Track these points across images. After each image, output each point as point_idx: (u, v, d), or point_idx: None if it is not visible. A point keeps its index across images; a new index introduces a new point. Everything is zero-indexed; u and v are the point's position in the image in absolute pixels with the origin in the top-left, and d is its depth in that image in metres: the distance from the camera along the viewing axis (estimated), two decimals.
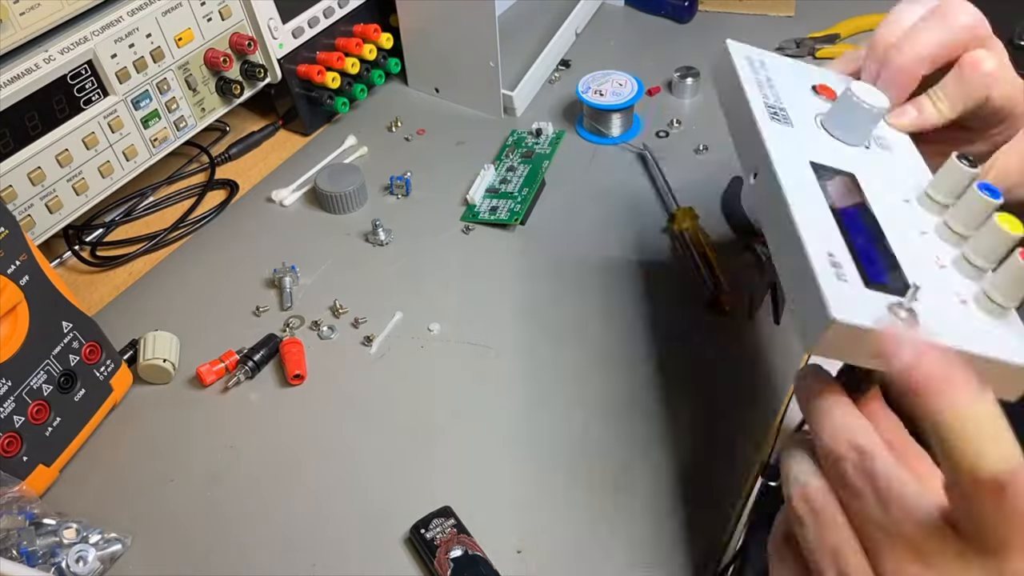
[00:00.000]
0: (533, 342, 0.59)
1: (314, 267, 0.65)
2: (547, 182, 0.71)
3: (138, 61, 0.63)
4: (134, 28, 0.62)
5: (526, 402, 0.55)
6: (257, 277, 0.65)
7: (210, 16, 0.67)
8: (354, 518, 0.49)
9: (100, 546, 0.47)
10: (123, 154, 0.65)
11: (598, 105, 0.74)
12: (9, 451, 0.48)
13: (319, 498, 0.51)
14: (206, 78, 0.69)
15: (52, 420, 0.51)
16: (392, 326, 0.60)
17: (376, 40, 0.78)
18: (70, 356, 0.52)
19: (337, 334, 0.60)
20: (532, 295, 0.62)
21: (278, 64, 0.73)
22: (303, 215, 0.71)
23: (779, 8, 0.89)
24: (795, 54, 0.85)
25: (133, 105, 0.64)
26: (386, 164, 0.75)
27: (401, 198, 0.72)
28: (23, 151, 0.58)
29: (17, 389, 0.48)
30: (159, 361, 0.57)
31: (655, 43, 0.89)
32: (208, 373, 0.57)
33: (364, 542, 0.48)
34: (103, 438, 0.55)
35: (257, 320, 0.62)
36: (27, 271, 0.49)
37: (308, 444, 0.54)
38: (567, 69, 0.86)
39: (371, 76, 0.79)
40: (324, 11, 0.75)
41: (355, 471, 0.52)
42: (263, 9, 0.70)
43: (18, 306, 0.49)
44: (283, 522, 0.50)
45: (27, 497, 0.48)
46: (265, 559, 0.48)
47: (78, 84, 0.60)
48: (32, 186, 0.59)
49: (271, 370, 0.58)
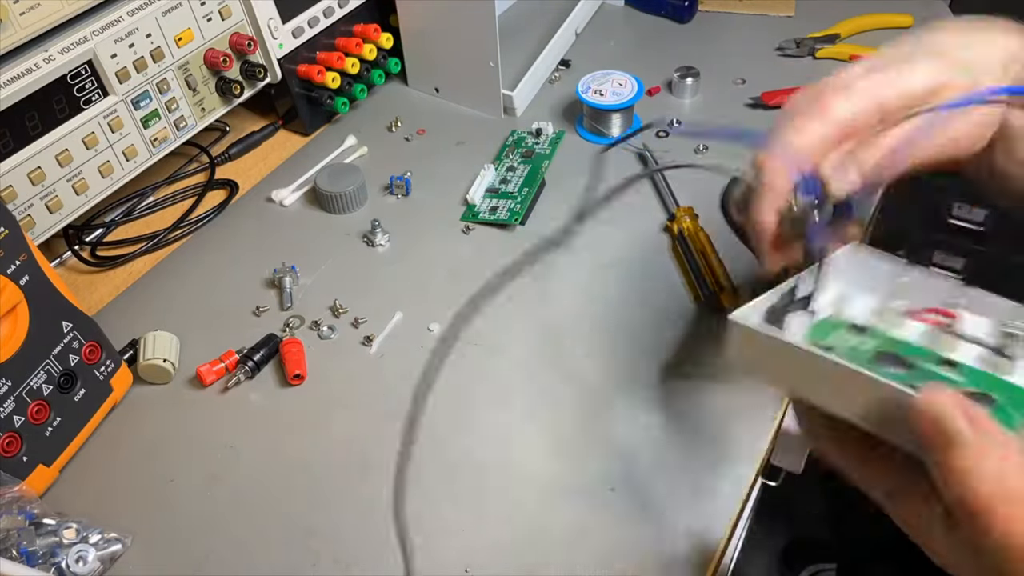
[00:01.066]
0: (533, 342, 0.59)
1: (314, 267, 0.65)
2: (547, 182, 0.71)
3: (138, 61, 0.63)
4: (134, 28, 0.62)
5: (526, 402, 0.55)
6: (257, 277, 0.65)
7: (210, 16, 0.67)
8: (354, 518, 0.49)
9: (100, 546, 0.47)
10: (123, 154, 0.64)
11: (598, 105, 0.73)
12: (9, 451, 0.48)
13: (319, 498, 0.51)
14: (206, 78, 0.69)
15: (52, 420, 0.51)
16: (392, 326, 0.60)
17: (376, 40, 0.78)
18: (70, 356, 0.52)
19: (337, 334, 0.60)
20: (532, 295, 0.62)
21: (278, 64, 0.73)
22: (303, 215, 0.71)
23: (779, 8, 0.89)
24: (795, 54, 0.85)
25: (133, 105, 0.64)
26: (386, 164, 0.75)
27: (401, 198, 0.72)
28: (23, 151, 0.58)
29: (17, 389, 0.48)
30: (159, 361, 0.57)
31: (655, 43, 0.89)
32: (208, 373, 0.57)
33: (364, 542, 0.48)
34: (103, 438, 0.55)
35: (257, 320, 0.62)
36: (27, 271, 0.49)
37: (308, 444, 0.54)
38: (567, 69, 0.86)
39: (371, 76, 0.79)
40: (324, 11, 0.75)
41: (355, 471, 0.52)
42: (263, 9, 0.70)
43: (18, 306, 0.49)
44: (283, 522, 0.50)
45: (27, 497, 0.48)
46: (265, 559, 0.48)
47: (78, 84, 0.60)
48: (32, 186, 0.59)
49: (271, 370, 0.58)
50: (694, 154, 0.73)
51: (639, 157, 0.74)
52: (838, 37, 0.85)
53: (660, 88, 0.82)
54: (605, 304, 0.61)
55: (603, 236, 0.66)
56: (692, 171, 0.71)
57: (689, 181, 0.69)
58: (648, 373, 0.56)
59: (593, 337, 0.58)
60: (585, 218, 0.57)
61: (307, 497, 0.51)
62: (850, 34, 0.86)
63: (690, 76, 0.80)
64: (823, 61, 0.84)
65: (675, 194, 0.68)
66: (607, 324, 0.59)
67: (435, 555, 0.47)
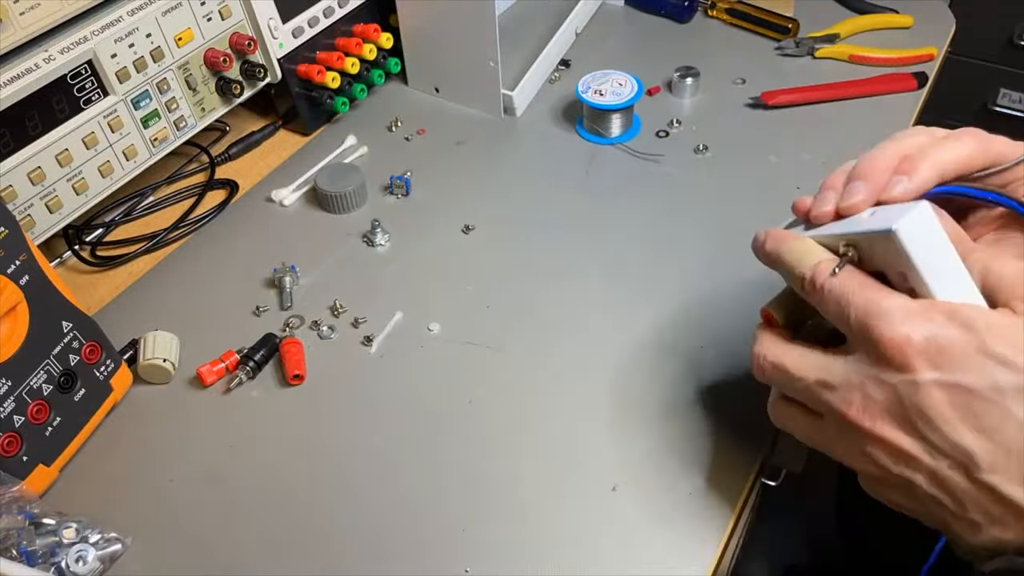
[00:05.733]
0: (533, 342, 0.59)
1: (314, 267, 0.65)
2: (546, 181, 0.71)
3: (138, 61, 0.63)
4: (134, 28, 0.62)
5: (526, 402, 0.55)
6: (257, 277, 0.65)
7: (210, 16, 0.67)
8: (354, 518, 0.49)
9: (100, 546, 0.47)
10: (123, 154, 0.65)
11: (598, 105, 0.73)
12: (9, 451, 0.48)
13: (318, 498, 0.51)
14: (206, 78, 0.69)
15: (52, 420, 0.51)
16: (392, 326, 0.60)
17: (376, 40, 0.78)
18: (70, 356, 0.52)
19: (337, 334, 0.60)
20: (532, 295, 0.62)
21: (278, 64, 0.73)
22: (303, 215, 0.71)
23: (779, 8, 0.89)
24: (794, 54, 0.85)
25: (133, 105, 0.64)
26: (386, 164, 0.75)
27: (401, 198, 0.72)
28: (23, 151, 0.58)
29: (17, 389, 0.48)
30: (159, 361, 0.57)
31: (655, 43, 0.89)
32: (209, 373, 0.57)
33: (364, 542, 0.48)
34: (103, 438, 0.55)
35: (257, 320, 0.62)
36: (27, 271, 0.49)
37: (308, 444, 0.54)
38: (567, 69, 0.86)
39: (371, 76, 0.79)
40: (324, 11, 0.75)
41: (355, 471, 0.52)
42: (263, 9, 0.70)
43: (18, 306, 0.49)
44: (283, 522, 0.50)
45: (27, 497, 0.48)
46: (265, 559, 0.48)
47: (78, 84, 0.60)
48: (32, 186, 0.59)
49: (271, 370, 0.58)
50: (694, 154, 0.73)
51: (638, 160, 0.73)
52: (838, 37, 0.85)
53: (660, 88, 0.82)
54: (605, 304, 0.61)
55: (603, 236, 0.66)
56: (693, 171, 0.71)
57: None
58: (647, 372, 0.56)
59: (593, 337, 0.58)
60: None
61: (307, 497, 0.51)
62: (850, 34, 0.86)
63: (690, 76, 0.80)
64: (823, 61, 0.84)
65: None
66: (607, 324, 0.59)
67: (435, 555, 0.47)
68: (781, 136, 0.75)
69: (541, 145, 0.77)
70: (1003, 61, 1.22)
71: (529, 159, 0.75)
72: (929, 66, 0.82)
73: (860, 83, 0.79)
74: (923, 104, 0.79)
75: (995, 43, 1.23)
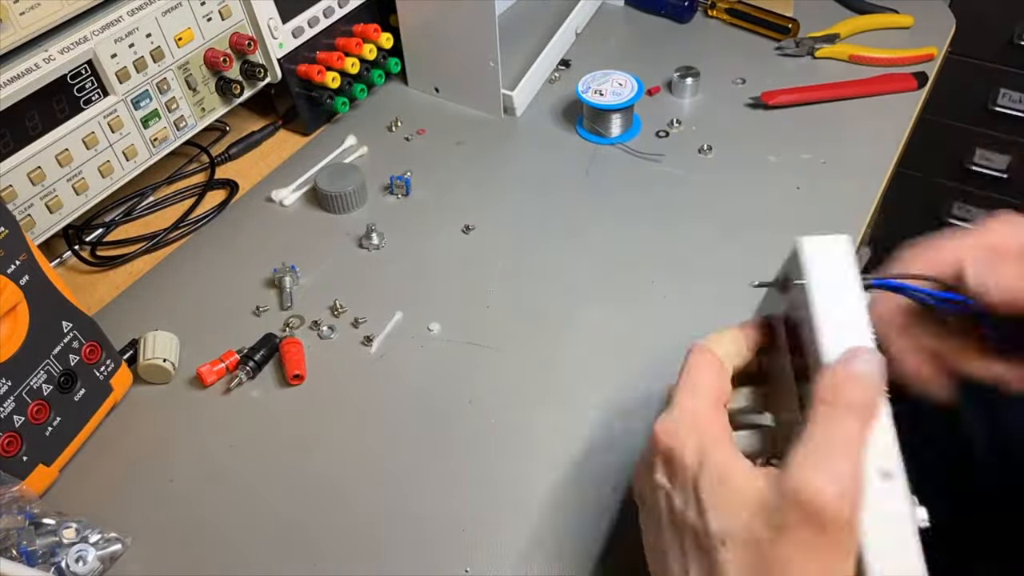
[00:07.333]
0: (533, 342, 0.59)
1: (314, 267, 0.65)
2: (546, 181, 0.71)
3: (138, 61, 0.63)
4: (134, 28, 0.62)
5: (526, 402, 0.55)
6: (257, 277, 0.65)
7: (210, 16, 0.67)
8: (354, 518, 0.49)
9: (100, 546, 0.47)
10: (123, 154, 0.65)
11: (598, 105, 0.73)
12: (9, 451, 0.48)
13: (319, 498, 0.51)
14: (206, 78, 0.69)
15: (52, 420, 0.51)
16: (392, 326, 0.60)
17: (376, 40, 0.78)
18: (70, 356, 0.52)
19: (337, 334, 0.60)
20: (532, 294, 0.62)
21: (278, 64, 0.73)
22: (303, 215, 0.71)
23: (779, 8, 0.89)
24: (794, 54, 0.85)
25: (133, 105, 0.64)
26: (386, 164, 0.75)
27: (401, 198, 0.72)
28: (23, 151, 0.58)
29: (17, 389, 0.48)
30: (159, 361, 0.57)
31: (655, 43, 0.89)
32: (209, 373, 0.57)
33: (364, 542, 0.48)
34: (103, 438, 0.55)
35: (257, 320, 0.62)
36: (27, 271, 0.49)
37: (308, 444, 0.54)
38: (567, 69, 0.86)
39: (371, 76, 0.79)
40: (324, 11, 0.75)
41: (355, 471, 0.52)
42: (263, 9, 0.70)
43: (18, 306, 0.49)
44: (283, 522, 0.50)
45: (27, 497, 0.48)
46: (265, 559, 0.48)
47: (78, 84, 0.60)
48: (32, 186, 0.59)
49: (271, 370, 0.58)
50: (694, 154, 0.73)
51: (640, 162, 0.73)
52: (838, 37, 0.85)
53: (660, 88, 0.82)
54: (605, 304, 0.61)
55: (602, 236, 0.66)
56: (693, 170, 0.71)
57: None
58: (647, 372, 0.56)
59: (593, 337, 0.58)
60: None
61: (307, 497, 0.51)
62: (850, 34, 0.86)
63: (690, 76, 0.80)
64: (823, 61, 0.84)
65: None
66: (607, 324, 0.59)
67: (435, 555, 0.47)
68: (781, 136, 0.75)
69: (541, 145, 0.77)
70: (1003, 61, 1.22)
71: (529, 159, 0.75)
72: (929, 66, 0.82)
73: (860, 83, 0.79)
74: (923, 104, 0.79)
75: (995, 43, 1.22)
